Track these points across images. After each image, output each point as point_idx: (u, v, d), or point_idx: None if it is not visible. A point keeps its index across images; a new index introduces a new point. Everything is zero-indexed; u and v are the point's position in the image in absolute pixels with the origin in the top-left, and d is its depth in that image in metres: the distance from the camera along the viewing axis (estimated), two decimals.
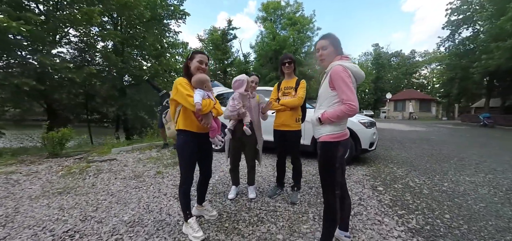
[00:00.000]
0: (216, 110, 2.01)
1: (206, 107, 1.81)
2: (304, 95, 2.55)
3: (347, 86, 1.49)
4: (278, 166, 2.88)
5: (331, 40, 1.66)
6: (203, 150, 2.11)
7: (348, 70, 1.54)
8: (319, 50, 1.69)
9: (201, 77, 1.91)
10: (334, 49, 1.65)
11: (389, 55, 49.44)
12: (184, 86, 1.84)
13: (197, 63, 1.93)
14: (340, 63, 1.56)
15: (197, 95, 1.82)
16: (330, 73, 1.56)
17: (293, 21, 22.82)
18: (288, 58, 2.64)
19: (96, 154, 5.73)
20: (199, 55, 1.97)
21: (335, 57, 1.65)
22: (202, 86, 1.92)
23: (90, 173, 3.96)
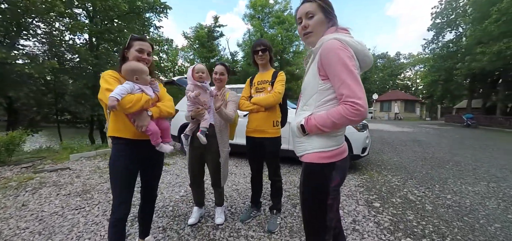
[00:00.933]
0: (157, 108, 1.45)
1: (132, 104, 1.26)
2: (283, 90, 1.97)
3: (349, 72, 0.90)
4: (252, 182, 2.29)
5: (321, 3, 1.04)
6: (145, 163, 1.54)
7: (349, 48, 0.95)
8: (302, 18, 1.08)
9: (131, 65, 1.35)
10: (325, 17, 1.05)
11: (375, 57, 50.32)
12: (106, 79, 1.32)
13: (135, 52, 1.41)
14: (336, 37, 0.96)
15: (119, 87, 1.25)
16: (320, 53, 0.97)
17: (281, 19, 22.30)
18: (262, 44, 2.03)
19: (51, 161, 4.92)
20: (139, 42, 1.43)
21: (328, 28, 1.06)
22: (133, 78, 1.34)
23: (29, 187, 3.21)
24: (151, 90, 1.44)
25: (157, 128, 1.42)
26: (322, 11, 1.05)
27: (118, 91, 1.23)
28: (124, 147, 1.40)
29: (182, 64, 27.47)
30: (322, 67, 0.98)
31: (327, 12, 1.05)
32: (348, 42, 0.96)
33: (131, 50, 1.43)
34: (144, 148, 1.46)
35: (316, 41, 1.06)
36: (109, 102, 1.19)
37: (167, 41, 21.35)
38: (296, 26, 1.24)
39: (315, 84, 1.02)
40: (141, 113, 1.34)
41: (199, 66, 1.92)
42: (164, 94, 1.58)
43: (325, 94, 1.00)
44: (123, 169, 1.39)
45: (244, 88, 2.21)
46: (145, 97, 1.34)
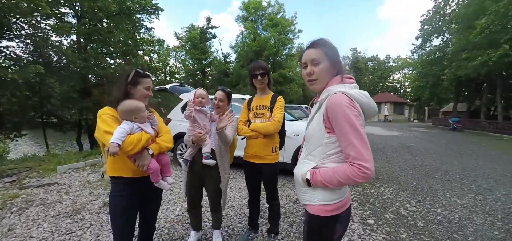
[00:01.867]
0: (157, 144, 1.41)
1: (132, 145, 1.22)
2: (282, 117, 1.96)
3: (357, 133, 0.90)
4: (250, 205, 2.27)
5: (327, 51, 1.03)
6: (145, 198, 1.51)
7: (356, 103, 0.95)
8: (307, 64, 1.06)
9: (128, 105, 1.30)
10: (330, 65, 1.03)
11: (366, 60, 51.36)
12: (104, 119, 1.28)
13: (144, 90, 1.39)
14: (342, 91, 0.95)
15: (118, 131, 1.21)
16: (327, 105, 0.96)
17: (275, 22, 22.31)
18: (262, 68, 1.97)
19: (37, 173, 4.73)
20: (147, 80, 1.42)
21: (333, 78, 1.05)
22: (131, 118, 1.29)
23: (14, 207, 3.07)
24: (150, 127, 1.41)
25: (157, 165, 1.39)
26: (328, 59, 1.04)
27: (118, 136, 1.19)
28: (123, 187, 1.37)
29: (173, 64, 27.16)
30: (328, 120, 0.97)
31: (333, 60, 1.04)
32: (355, 97, 0.96)
33: (138, 87, 1.39)
34: (143, 185, 1.43)
35: (320, 88, 1.07)
36: (111, 149, 1.16)
37: (158, 42, 21.02)
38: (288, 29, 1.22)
39: (320, 136, 1.01)
40: (142, 153, 1.31)
41: (200, 91, 1.92)
42: (161, 126, 1.55)
43: (330, 148, 1.00)
44: (123, 211, 1.38)
45: (241, 111, 2.16)
46: (145, 136, 1.31)
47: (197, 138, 1.83)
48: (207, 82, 24.71)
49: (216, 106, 2.03)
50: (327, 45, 1.05)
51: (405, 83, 49.96)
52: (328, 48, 1.04)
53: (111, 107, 1.36)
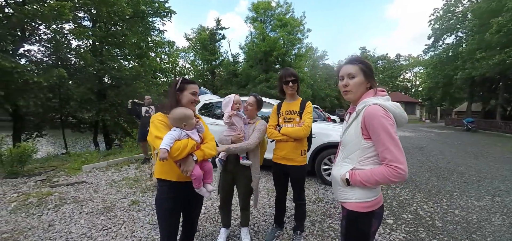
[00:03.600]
0: (202, 151, 1.51)
1: (179, 151, 1.34)
2: (311, 122, 2.07)
3: (392, 139, 1.04)
4: (277, 204, 2.40)
5: (363, 67, 1.19)
6: (187, 202, 1.63)
7: (390, 113, 1.09)
8: (344, 77, 1.22)
9: (179, 114, 1.43)
10: (365, 80, 1.19)
11: (375, 59, 50.59)
12: (156, 125, 1.41)
13: (190, 95, 1.51)
14: (378, 103, 1.10)
15: (168, 137, 1.34)
16: (364, 116, 1.11)
17: (284, 22, 22.35)
18: (292, 75, 2.08)
19: (63, 172, 5.00)
20: (192, 86, 1.54)
21: (367, 90, 1.20)
22: (181, 125, 1.42)
23: (50, 205, 3.30)
24: (196, 134, 1.52)
25: (200, 172, 1.49)
26: (363, 73, 1.19)
27: (167, 141, 1.31)
28: (168, 190, 1.51)
29: (182, 65, 27.60)
30: (365, 128, 1.11)
31: (367, 75, 1.19)
32: (389, 108, 1.10)
33: (185, 93, 1.51)
34: (187, 189, 1.55)
35: (353, 98, 1.22)
36: (160, 154, 1.29)
37: (169, 43, 21.42)
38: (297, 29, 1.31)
39: (357, 142, 1.15)
40: (187, 159, 1.41)
41: (237, 97, 2.15)
42: (206, 133, 1.65)
43: (367, 152, 1.14)
44: (169, 213, 1.52)
45: (270, 115, 2.27)
46: (191, 143, 1.42)
47: (236, 138, 2.01)
48: (216, 83, 24.94)
49: (245, 109, 2.19)
50: (363, 62, 1.21)
51: (416, 82, 49.00)
52: (363, 65, 1.20)
53: (163, 113, 1.51)
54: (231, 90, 22.44)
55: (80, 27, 10.18)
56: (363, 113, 1.12)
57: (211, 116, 5.16)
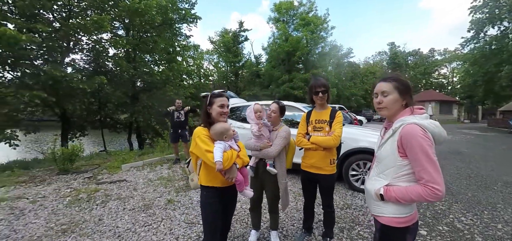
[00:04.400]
0: (241, 159, 1.69)
1: (228, 162, 1.52)
2: (342, 132, 2.09)
3: (430, 160, 1.05)
4: (305, 210, 2.46)
5: (397, 85, 1.20)
6: (227, 204, 1.83)
7: (428, 133, 1.09)
8: (378, 94, 1.25)
9: (219, 129, 1.61)
10: (400, 97, 1.20)
11: (406, 54, 47.56)
12: (203, 139, 1.58)
13: (218, 108, 1.65)
14: (416, 122, 1.10)
15: (217, 150, 1.52)
16: (402, 135, 1.12)
17: (306, 21, 22.02)
18: (323, 86, 2.09)
19: (106, 170, 5.52)
20: (220, 99, 1.67)
21: (403, 108, 1.22)
22: (222, 138, 1.60)
23: (98, 200, 3.70)
24: (235, 144, 1.69)
25: (242, 177, 1.67)
26: (397, 91, 1.21)
27: (220, 154, 1.49)
28: (213, 194, 1.68)
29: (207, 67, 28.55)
30: (402, 147, 1.13)
31: (402, 92, 1.21)
32: (427, 128, 1.10)
33: (214, 107, 1.66)
34: (228, 192, 1.74)
35: (388, 115, 1.26)
36: (218, 166, 1.46)
37: (194, 47, 22.29)
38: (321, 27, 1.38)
39: (393, 159, 1.18)
40: (231, 167, 1.58)
41: (257, 106, 2.21)
42: (240, 142, 1.82)
43: (402, 169, 1.16)
44: (214, 213, 1.68)
45: (300, 124, 2.33)
46: (235, 153, 1.60)
47: (264, 146, 2.13)
48: (240, 84, 25.37)
49: (268, 116, 2.27)
50: (398, 79, 1.23)
51: (454, 78, 45.09)
52: (398, 82, 1.22)
53: (203, 127, 1.67)
54: (254, 91, 22.69)
55: (116, 36, 11.10)
56: (400, 132, 1.13)
57: (238, 120, 5.33)
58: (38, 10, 6.98)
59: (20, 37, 5.59)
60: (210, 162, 1.50)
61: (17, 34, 5.62)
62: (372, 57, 52.83)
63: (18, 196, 3.90)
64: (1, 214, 3.26)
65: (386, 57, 48.78)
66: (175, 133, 5.90)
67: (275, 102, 2.33)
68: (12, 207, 3.48)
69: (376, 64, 48.26)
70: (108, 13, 9.62)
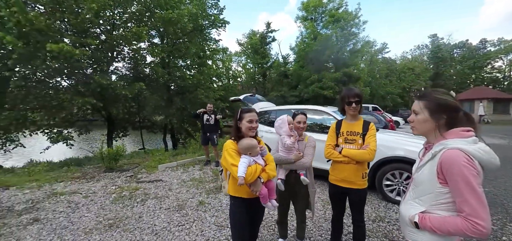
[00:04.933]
0: (266, 173, 1.73)
1: (251, 176, 1.61)
2: (376, 147, 1.98)
3: (474, 191, 0.94)
4: (333, 223, 2.38)
5: (428, 104, 1.13)
6: (253, 213, 1.89)
7: (474, 162, 0.97)
8: (411, 112, 1.22)
9: (245, 145, 1.70)
10: (430, 118, 1.12)
11: (451, 47, 42.81)
12: (230, 153, 1.69)
13: (247, 123, 1.75)
14: (460, 147, 0.99)
15: (242, 165, 1.61)
16: (442, 160, 1.02)
17: (336, 18, 21.10)
18: (356, 96, 1.99)
19: (144, 169, 6.01)
20: (249, 114, 1.77)
21: (438, 128, 1.11)
22: (247, 153, 1.69)
23: (138, 198, 4.06)
24: (261, 159, 1.75)
25: (266, 190, 1.73)
26: (427, 111, 1.13)
27: (243, 169, 1.58)
28: (240, 204, 1.77)
29: (235, 68, 29.21)
30: (442, 174, 1.03)
31: (433, 112, 1.12)
32: (473, 155, 0.98)
33: (243, 122, 1.76)
34: (254, 203, 1.80)
35: (418, 134, 1.20)
36: (239, 181, 1.56)
37: (223, 50, 23.00)
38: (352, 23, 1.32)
39: (432, 185, 1.08)
40: (256, 180, 1.65)
41: (290, 118, 2.25)
42: (268, 155, 1.87)
43: (441, 198, 1.05)
44: (240, 221, 1.78)
45: (328, 134, 2.22)
46: (259, 168, 1.67)
47: (297, 157, 2.16)
48: (268, 85, 25.44)
49: (296, 128, 2.27)
50: (429, 97, 1.15)
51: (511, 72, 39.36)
52: (428, 101, 1.14)
53: (232, 140, 1.77)
54: (282, 92, 22.55)
55: (152, 44, 12.01)
56: (441, 157, 1.03)
57: (266, 124, 5.38)
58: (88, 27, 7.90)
59: (74, 52, 6.42)
60: (235, 175, 1.60)
61: (72, 49, 6.47)
62: (410, 51, 48.62)
63: (74, 191, 4.47)
64: (61, 207, 3.78)
65: (427, 51, 44.50)
66: (204, 136, 6.19)
67: (302, 114, 2.33)
68: (69, 201, 4.00)
69: (415, 59, 44.36)
70: (145, 23, 10.47)
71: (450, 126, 1.09)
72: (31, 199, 4.07)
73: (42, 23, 6.55)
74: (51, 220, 3.31)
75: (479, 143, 1.03)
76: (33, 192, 4.40)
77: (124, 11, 10.16)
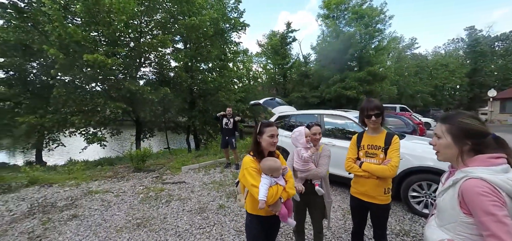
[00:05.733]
0: (286, 193, 1.71)
1: (272, 198, 1.59)
2: (399, 162, 1.88)
3: (498, 222, 0.85)
4: (353, 236, 2.31)
5: (451, 128, 1.07)
6: (269, 229, 1.88)
7: (498, 192, 0.89)
8: (434, 135, 1.17)
9: (268, 166, 1.66)
10: (453, 143, 1.06)
11: (491, 40, 38.84)
12: (250, 173, 1.65)
13: (268, 138, 1.72)
14: (483, 177, 0.92)
15: (263, 186, 1.58)
16: (462, 190, 0.97)
17: (360, 14, 20.21)
18: (377, 108, 1.92)
19: (169, 171, 6.32)
20: (270, 129, 1.74)
21: (463, 155, 1.04)
22: (270, 174, 1.67)
23: (163, 199, 4.29)
24: (282, 179, 1.72)
25: (286, 210, 1.71)
26: (450, 136, 1.08)
27: (264, 193, 1.55)
28: (257, 222, 1.76)
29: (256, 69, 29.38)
30: (465, 203, 0.97)
31: (456, 137, 1.06)
32: (500, 186, 0.90)
33: (264, 136, 1.73)
34: (271, 221, 1.80)
35: (443, 160, 1.15)
36: (260, 205, 1.54)
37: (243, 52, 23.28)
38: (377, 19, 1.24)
39: (456, 214, 1.01)
40: (276, 201, 1.63)
41: (308, 131, 2.23)
42: (289, 174, 1.82)
43: (468, 228, 0.98)
44: (257, 238, 1.78)
45: (349, 147, 2.18)
46: (280, 189, 1.64)
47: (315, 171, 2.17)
48: (288, 86, 25.21)
49: (312, 140, 2.25)
50: (452, 120, 1.09)
51: None
52: (451, 125, 1.08)
53: (252, 157, 1.74)
54: (303, 92, 22.20)
55: (176, 50, 12.59)
56: (462, 186, 0.97)
57: (286, 128, 5.37)
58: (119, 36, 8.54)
59: (107, 61, 6.99)
60: (256, 197, 1.57)
61: (105, 58, 7.06)
62: (443, 46, 45.04)
63: (106, 189, 4.86)
64: (96, 204, 4.13)
65: (463, 45, 40.83)
66: (224, 139, 6.34)
67: (316, 125, 2.31)
68: (103, 199, 4.36)
69: (449, 54, 40.98)
70: (169, 30, 11.02)
71: (476, 152, 1.02)
72: (70, 197, 4.50)
73: (79, 36, 7.20)
74: (87, 217, 3.64)
75: (511, 171, 0.95)
76: (72, 190, 4.85)
77: (150, 19, 10.78)
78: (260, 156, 1.74)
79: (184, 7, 11.04)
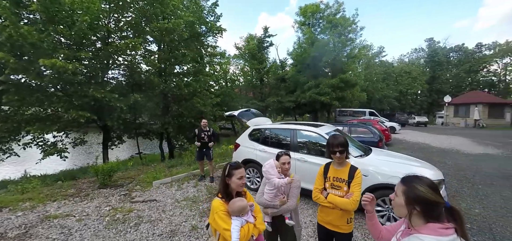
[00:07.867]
0: (257, 229, 1.76)
1: (245, 238, 1.64)
2: (360, 195, 1.99)
3: None
4: None
5: (407, 190, 1.15)
6: None
7: None
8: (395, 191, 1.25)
9: (237, 208, 1.68)
10: (404, 203, 1.15)
11: (447, 51, 43.27)
12: (221, 216, 1.66)
13: (237, 180, 1.75)
14: None
15: (235, 230, 1.61)
16: None
17: (334, 23, 21.21)
18: (340, 145, 2.05)
19: (139, 186, 6.00)
20: (238, 171, 1.77)
21: (412, 218, 1.12)
22: (239, 215, 1.70)
23: (132, 222, 4.05)
24: (251, 216, 1.76)
25: None
26: (404, 197, 1.15)
27: (237, 235, 1.57)
28: None
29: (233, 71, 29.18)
30: None
31: (408, 201, 1.13)
32: None
33: (233, 179, 1.75)
34: None
35: (398, 215, 1.24)
36: None
37: (221, 54, 22.95)
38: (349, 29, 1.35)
39: None
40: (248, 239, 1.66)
41: (277, 162, 2.32)
42: (256, 208, 1.87)
43: None
44: None
45: (316, 177, 2.27)
46: (251, 227, 1.69)
47: (282, 202, 2.22)
48: (265, 90, 25.42)
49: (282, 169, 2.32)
50: (409, 183, 1.16)
51: (507, 76, 39.82)
52: (407, 187, 1.16)
53: (220, 199, 1.74)
54: (279, 97, 22.56)
55: (148, 52, 12.02)
56: None
57: (260, 141, 5.39)
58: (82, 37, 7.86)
59: (68, 66, 6.41)
60: (229, 240, 1.58)
61: (65, 64, 6.46)
62: (407, 54, 49.24)
63: (67, 213, 4.45)
64: (54, 233, 3.77)
65: (423, 55, 44.92)
66: (200, 152, 6.18)
67: (286, 155, 2.38)
68: (63, 225, 3.99)
69: (412, 62, 44.74)
70: (142, 31, 10.47)
71: (425, 218, 1.09)
72: (24, 224, 4.05)
73: (34, 37, 6.51)
74: None
75: None
76: (26, 215, 4.37)
77: (119, 17, 10.15)
78: (229, 198, 1.76)
79: (157, 9, 10.56)
